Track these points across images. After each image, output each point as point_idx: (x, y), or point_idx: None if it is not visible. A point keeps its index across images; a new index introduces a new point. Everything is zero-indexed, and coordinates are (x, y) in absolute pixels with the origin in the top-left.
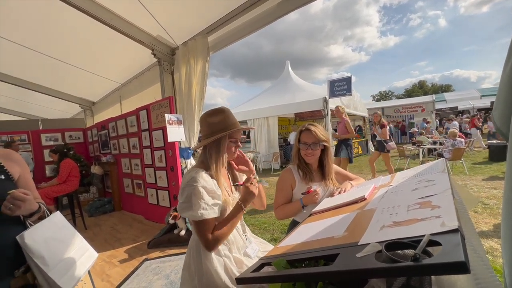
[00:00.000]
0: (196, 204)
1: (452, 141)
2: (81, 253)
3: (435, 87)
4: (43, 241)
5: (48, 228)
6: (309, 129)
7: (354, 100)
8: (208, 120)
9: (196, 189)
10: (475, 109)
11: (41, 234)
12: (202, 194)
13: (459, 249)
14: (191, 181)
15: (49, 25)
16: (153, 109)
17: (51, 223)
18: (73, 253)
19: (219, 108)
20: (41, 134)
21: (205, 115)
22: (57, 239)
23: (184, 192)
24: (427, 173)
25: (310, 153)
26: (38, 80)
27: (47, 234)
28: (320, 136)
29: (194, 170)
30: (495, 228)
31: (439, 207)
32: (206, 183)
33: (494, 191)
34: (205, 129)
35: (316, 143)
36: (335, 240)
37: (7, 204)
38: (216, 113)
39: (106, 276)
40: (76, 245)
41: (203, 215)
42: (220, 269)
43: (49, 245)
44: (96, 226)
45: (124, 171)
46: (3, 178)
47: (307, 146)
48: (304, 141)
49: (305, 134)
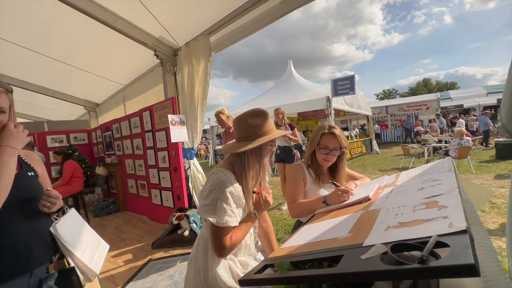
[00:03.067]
0: (222, 209)
1: (459, 140)
2: (98, 244)
3: (440, 85)
4: (70, 232)
5: (70, 221)
6: (334, 133)
7: (358, 99)
8: (249, 121)
9: (224, 194)
10: (481, 107)
11: (66, 226)
12: (229, 200)
13: (469, 251)
14: (220, 184)
15: (54, 27)
16: (156, 110)
17: (71, 217)
18: (92, 243)
19: (261, 110)
20: (46, 136)
21: (246, 116)
22: (78, 231)
23: (210, 195)
24: (433, 172)
25: (331, 158)
26: (43, 83)
27: (71, 227)
28: (343, 142)
29: (223, 172)
30: (502, 228)
31: (446, 207)
32: (234, 189)
33: (502, 189)
34: (245, 130)
35: (338, 149)
36: (339, 241)
37: (44, 202)
38: (258, 115)
39: (111, 276)
40: (92, 236)
41: (227, 222)
42: (225, 273)
43: (74, 236)
44: (101, 227)
45: (128, 172)
46: (33, 175)
47: (328, 151)
48: (326, 145)
49: (328, 137)
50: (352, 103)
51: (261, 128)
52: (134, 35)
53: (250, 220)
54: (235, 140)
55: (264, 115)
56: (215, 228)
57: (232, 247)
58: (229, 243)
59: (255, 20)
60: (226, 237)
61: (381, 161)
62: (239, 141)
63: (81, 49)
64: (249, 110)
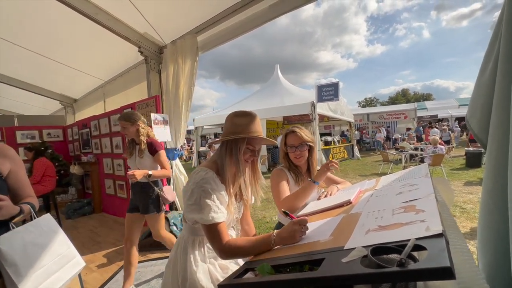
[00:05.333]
0: (207, 206)
1: (433, 148)
2: (65, 261)
3: (417, 95)
4: (22, 246)
5: (30, 232)
6: (294, 131)
7: (341, 106)
8: (233, 119)
9: (206, 191)
10: (453, 118)
11: (20, 239)
12: (213, 196)
13: (444, 254)
14: (201, 182)
15: (30, 17)
16: (138, 108)
17: (35, 227)
18: (55, 261)
19: (249, 111)
20: (16, 131)
21: (233, 114)
22: (39, 245)
23: (193, 194)
24: (410, 178)
25: (299, 154)
26: (14, 74)
27: (28, 239)
28: (305, 137)
29: (204, 171)
30: (472, 231)
31: (423, 211)
32: (216, 186)
33: (471, 195)
34: (228, 128)
35: (303, 144)
36: (320, 245)
37: None
38: (244, 115)
39: (82, 282)
40: (60, 252)
41: (213, 219)
42: (203, 277)
43: (27, 252)
44: (74, 229)
45: (105, 172)
46: None
47: (294, 148)
48: (291, 143)
49: (291, 136)
50: (335, 109)
51: (243, 127)
52: (117, 29)
53: (262, 241)
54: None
55: (250, 117)
56: (206, 228)
57: (234, 253)
58: (227, 243)
59: (243, 22)
60: (221, 234)
61: (361, 167)
62: (222, 136)
63: (59, 40)
64: (238, 110)
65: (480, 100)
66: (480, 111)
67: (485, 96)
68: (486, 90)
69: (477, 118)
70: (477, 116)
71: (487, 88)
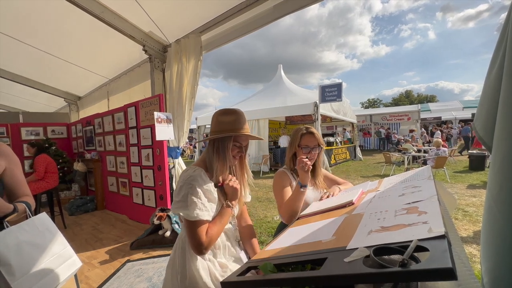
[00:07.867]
0: (193, 203)
1: (436, 150)
2: (61, 261)
3: (421, 97)
4: (16, 246)
5: (25, 231)
6: (312, 132)
7: (344, 106)
8: (219, 118)
9: (193, 188)
10: (457, 120)
11: (14, 238)
12: (199, 193)
13: (447, 255)
14: (189, 180)
15: (36, 15)
16: (142, 106)
17: (30, 226)
18: (50, 261)
19: (233, 109)
20: (21, 127)
21: (217, 113)
22: (34, 244)
23: (181, 191)
24: (413, 180)
25: (313, 156)
26: (20, 71)
27: (23, 238)
28: (321, 140)
29: (193, 168)
30: (474, 235)
31: (426, 213)
32: (204, 183)
33: (474, 199)
34: (214, 126)
35: (317, 147)
36: (323, 244)
37: None
38: (229, 113)
39: (85, 277)
40: (56, 251)
41: (198, 216)
42: (203, 273)
43: (21, 251)
44: (77, 226)
45: (109, 169)
46: None
47: (309, 149)
48: (306, 144)
49: (308, 137)
50: (338, 110)
51: (228, 125)
52: (122, 28)
53: (225, 213)
54: None
55: (234, 114)
56: (188, 224)
57: (210, 243)
58: (205, 238)
59: (248, 22)
60: (201, 232)
61: (363, 168)
62: (209, 135)
63: (65, 39)
64: (222, 108)
65: (485, 102)
66: (485, 113)
67: (490, 99)
68: (491, 92)
69: (482, 120)
70: (482, 118)
71: (492, 90)
